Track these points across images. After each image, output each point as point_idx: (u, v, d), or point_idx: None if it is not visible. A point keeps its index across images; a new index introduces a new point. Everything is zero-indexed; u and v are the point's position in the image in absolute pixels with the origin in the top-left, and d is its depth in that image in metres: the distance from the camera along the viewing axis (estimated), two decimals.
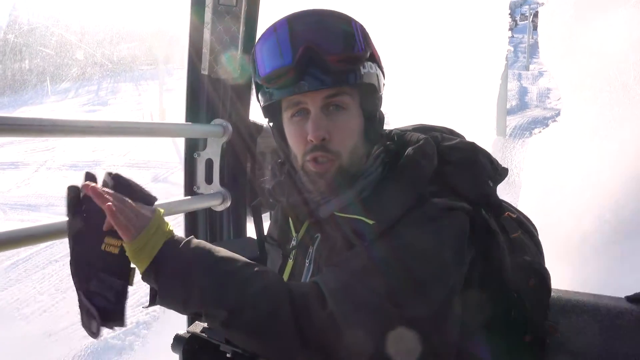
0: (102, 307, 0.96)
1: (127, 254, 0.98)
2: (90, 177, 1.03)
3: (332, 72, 1.04)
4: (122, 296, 0.98)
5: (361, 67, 1.07)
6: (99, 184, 1.04)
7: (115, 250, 0.99)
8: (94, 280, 0.97)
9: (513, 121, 12.90)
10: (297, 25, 1.06)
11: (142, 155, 11.67)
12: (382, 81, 1.16)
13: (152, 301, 1.03)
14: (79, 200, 1.01)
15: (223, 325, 0.97)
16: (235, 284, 0.97)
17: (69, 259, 1.00)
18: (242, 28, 1.81)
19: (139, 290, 1.09)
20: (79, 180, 1.03)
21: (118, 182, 1.03)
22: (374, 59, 1.12)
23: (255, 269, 1.01)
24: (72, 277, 0.99)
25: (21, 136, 1.28)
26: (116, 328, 0.99)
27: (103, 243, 0.99)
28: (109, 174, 1.04)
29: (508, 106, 13.87)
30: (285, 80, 1.05)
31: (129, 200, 1.01)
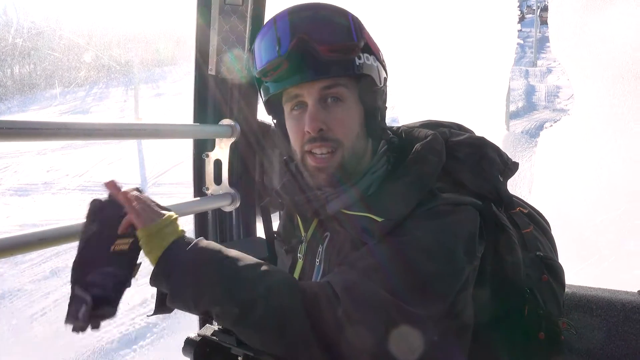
0: (97, 295, 0.97)
1: (140, 242, 1.02)
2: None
3: (325, 63, 1.04)
4: (121, 286, 1.00)
5: (356, 58, 1.07)
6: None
7: (126, 247, 1.02)
8: (95, 274, 0.98)
9: (519, 126, 11.75)
10: (291, 19, 1.07)
11: (101, 177, 10.57)
12: (383, 74, 1.15)
13: (159, 308, 1.05)
14: (99, 209, 1.06)
15: (235, 322, 0.97)
16: (246, 280, 0.97)
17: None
18: (248, 28, 1.80)
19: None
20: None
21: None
22: (371, 51, 1.12)
23: (266, 267, 1.01)
24: (71, 273, 1.00)
25: (29, 140, 1.29)
26: (106, 318, 0.99)
27: (113, 245, 1.02)
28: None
29: (514, 108, 12.76)
30: (280, 72, 1.07)
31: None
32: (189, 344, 1.12)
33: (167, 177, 10.49)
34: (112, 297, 0.98)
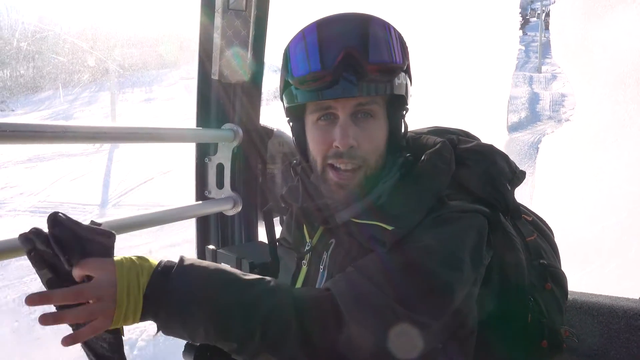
0: (100, 354, 0.93)
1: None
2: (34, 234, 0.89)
3: (367, 81, 1.02)
4: (116, 346, 0.93)
5: (396, 78, 1.06)
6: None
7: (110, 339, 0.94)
8: None
9: (522, 138, 10.95)
10: (337, 29, 1.04)
11: (58, 196, 9.53)
12: (410, 92, 1.14)
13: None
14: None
15: (234, 352, 0.94)
16: (239, 315, 0.91)
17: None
18: (251, 32, 1.81)
19: None
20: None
21: (59, 239, 0.88)
22: (408, 70, 1.11)
23: (258, 288, 0.95)
24: None
25: (32, 143, 1.28)
26: None
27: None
28: (36, 233, 0.89)
29: (516, 118, 12.09)
30: (320, 84, 1.03)
31: (79, 285, 0.88)
32: (190, 348, 1.12)
33: (130, 198, 9.71)
34: (114, 357, 0.93)
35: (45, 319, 0.85)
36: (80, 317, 0.86)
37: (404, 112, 1.13)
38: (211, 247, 1.83)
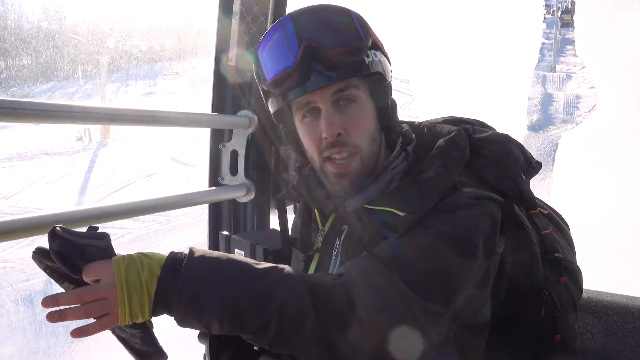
0: (136, 350, 0.95)
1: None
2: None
3: (336, 66, 1.02)
4: (148, 339, 0.94)
5: (365, 57, 1.06)
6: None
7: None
8: (116, 329, 0.96)
9: (534, 143, 10.30)
10: (294, 25, 1.05)
11: (30, 200, 8.85)
12: (389, 68, 1.13)
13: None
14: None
15: (252, 342, 0.94)
16: (253, 306, 0.90)
17: None
18: (270, 19, 1.80)
19: None
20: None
21: (60, 253, 0.90)
22: (377, 47, 1.10)
23: (272, 277, 0.93)
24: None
25: (51, 122, 1.29)
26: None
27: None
28: (40, 252, 0.92)
29: (528, 122, 11.66)
30: (292, 81, 1.04)
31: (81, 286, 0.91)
32: (205, 332, 1.12)
33: (107, 204, 9.57)
34: (148, 350, 0.94)
35: (51, 317, 0.89)
36: (79, 316, 0.89)
37: (387, 88, 1.12)
38: (225, 232, 1.84)
